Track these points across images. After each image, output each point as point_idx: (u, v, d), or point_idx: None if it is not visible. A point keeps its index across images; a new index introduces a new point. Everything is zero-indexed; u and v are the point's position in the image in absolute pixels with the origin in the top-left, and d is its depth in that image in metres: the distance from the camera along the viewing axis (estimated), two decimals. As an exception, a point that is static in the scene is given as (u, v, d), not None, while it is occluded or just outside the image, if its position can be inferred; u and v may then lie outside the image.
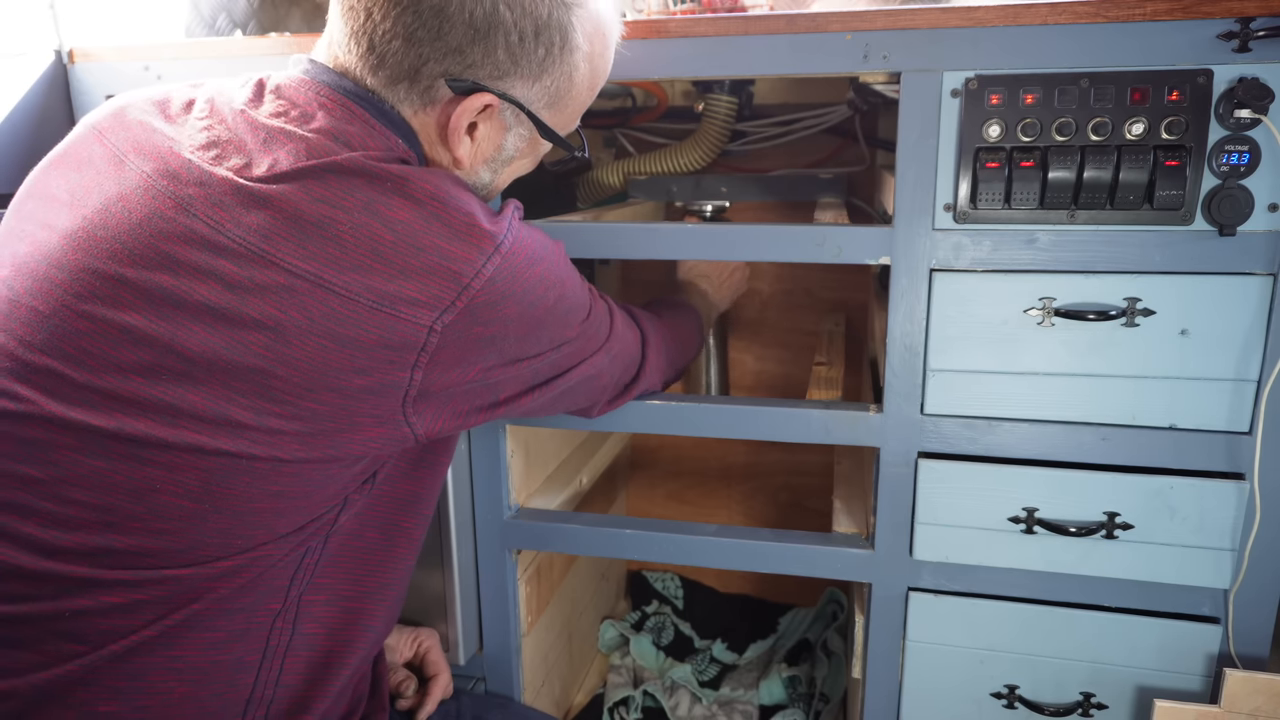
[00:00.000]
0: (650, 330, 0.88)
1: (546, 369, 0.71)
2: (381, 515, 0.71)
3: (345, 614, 0.70)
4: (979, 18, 0.73)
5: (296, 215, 0.58)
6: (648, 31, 0.81)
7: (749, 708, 1.31)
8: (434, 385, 0.62)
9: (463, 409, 0.66)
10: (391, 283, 0.58)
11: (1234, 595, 0.79)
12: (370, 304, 0.58)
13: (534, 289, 0.65)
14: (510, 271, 0.62)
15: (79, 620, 0.58)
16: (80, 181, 0.63)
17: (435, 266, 0.59)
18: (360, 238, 0.58)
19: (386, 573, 0.73)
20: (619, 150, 1.41)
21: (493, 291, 0.61)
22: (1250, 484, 0.76)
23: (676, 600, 1.55)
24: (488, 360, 0.64)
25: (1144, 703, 0.83)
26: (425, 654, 0.94)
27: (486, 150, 0.70)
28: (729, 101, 1.14)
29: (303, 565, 0.65)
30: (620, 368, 0.82)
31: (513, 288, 0.63)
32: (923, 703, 0.89)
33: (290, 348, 0.57)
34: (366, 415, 0.60)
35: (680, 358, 0.96)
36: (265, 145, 0.61)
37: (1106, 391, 0.78)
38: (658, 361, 0.88)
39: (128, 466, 0.57)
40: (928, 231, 0.78)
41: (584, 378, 0.75)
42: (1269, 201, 0.72)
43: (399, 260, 0.58)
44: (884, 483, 0.85)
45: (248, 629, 0.64)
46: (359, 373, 0.58)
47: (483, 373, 0.64)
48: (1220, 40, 0.70)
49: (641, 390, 0.87)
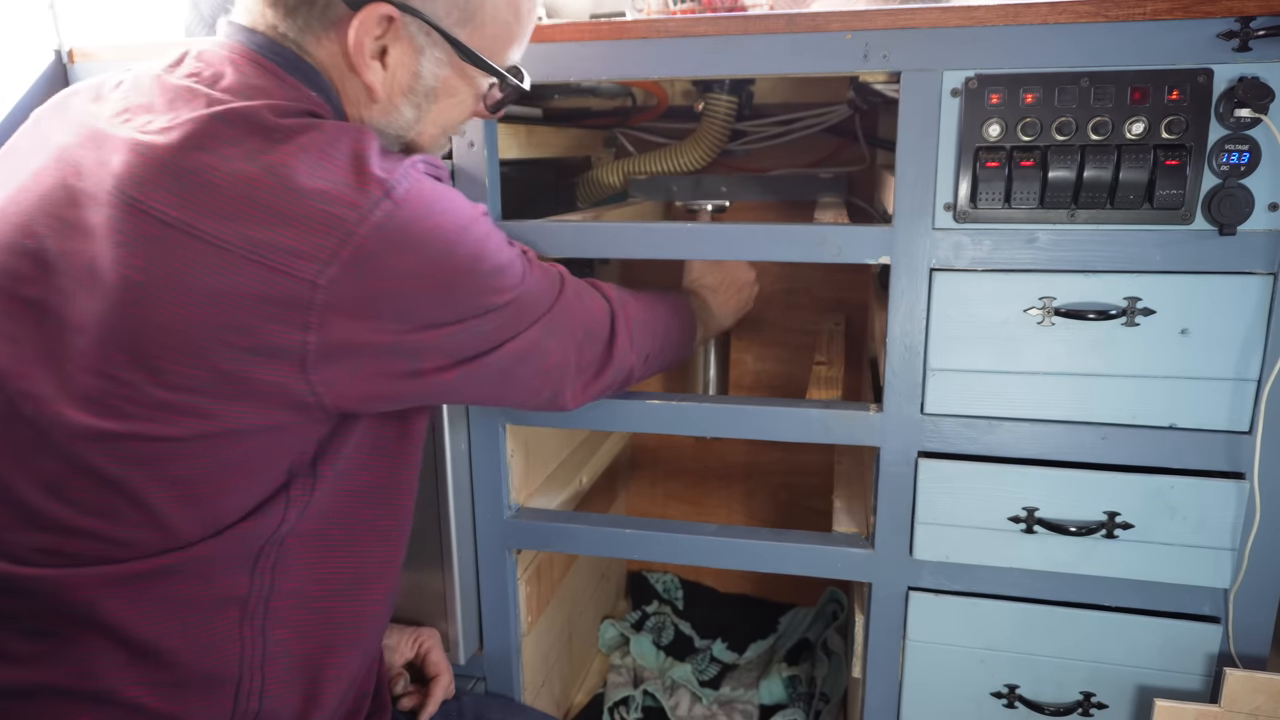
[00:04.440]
0: (620, 303, 0.81)
1: (473, 341, 0.65)
2: (341, 510, 0.67)
3: (317, 615, 0.67)
4: (979, 17, 0.73)
5: (175, 163, 0.55)
6: (648, 31, 0.80)
7: (749, 707, 1.31)
8: (335, 348, 0.57)
9: (375, 375, 0.61)
10: (267, 230, 0.54)
11: (1234, 595, 0.79)
12: (244, 253, 0.53)
13: (434, 242, 0.60)
14: (403, 221, 0.57)
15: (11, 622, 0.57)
16: (12, 168, 0.63)
17: (315, 213, 0.55)
18: (236, 184, 0.54)
19: (355, 570, 0.70)
20: (619, 150, 1.41)
21: (382, 240, 0.56)
22: (1250, 483, 0.76)
23: (676, 600, 1.55)
24: (396, 322, 0.59)
25: (1144, 702, 0.83)
26: (426, 654, 0.94)
27: (402, 78, 0.65)
28: (729, 101, 1.14)
29: (258, 568, 0.63)
30: (576, 345, 0.75)
31: (407, 238, 0.58)
32: (923, 702, 0.89)
33: (160, 306, 0.53)
34: (261, 382, 0.56)
35: (665, 341, 0.88)
36: (171, 104, 0.59)
37: (1106, 391, 0.78)
38: (632, 338, 0.81)
39: (37, 457, 0.56)
40: (928, 231, 0.78)
41: (521, 355, 0.69)
42: (1269, 201, 0.72)
43: (276, 206, 0.54)
44: (884, 482, 0.85)
45: (212, 642, 0.61)
46: (240, 332, 0.54)
47: (394, 336, 0.60)
48: (1220, 39, 0.70)
49: (618, 372, 0.80)
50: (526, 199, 1.07)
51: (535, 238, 0.87)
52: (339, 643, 0.69)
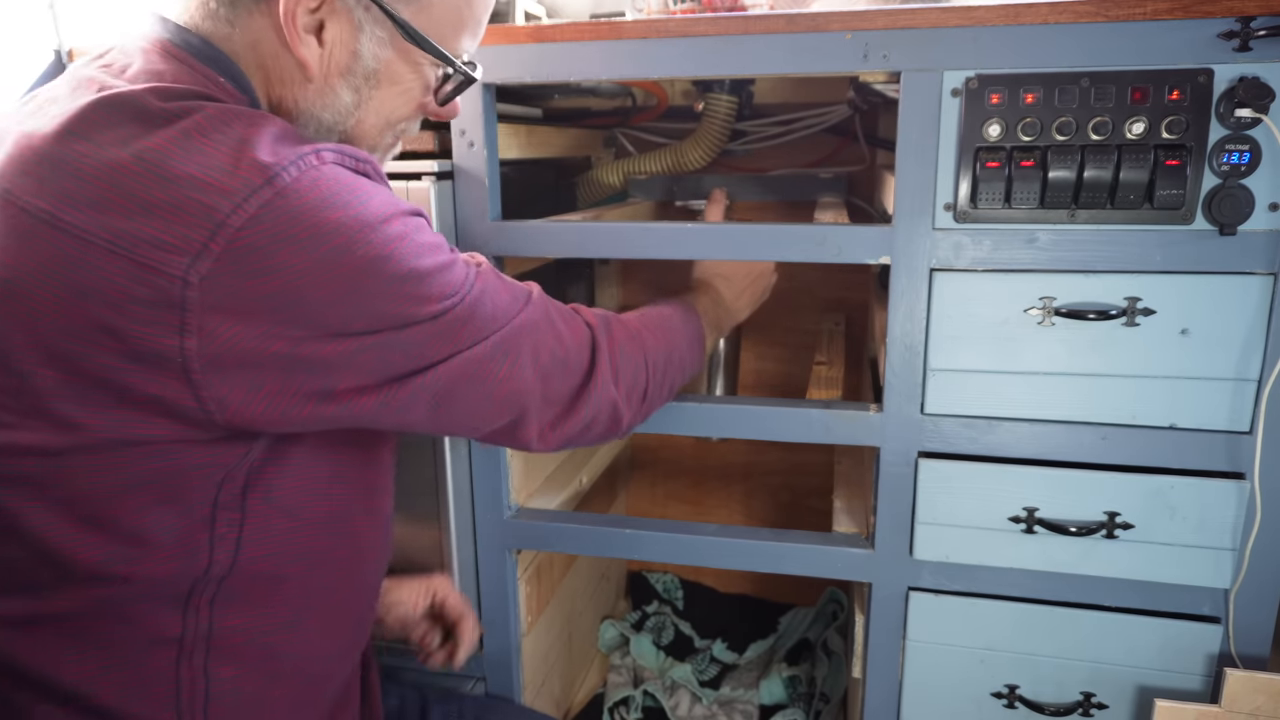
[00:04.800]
0: (604, 330, 0.72)
1: (396, 357, 0.57)
2: (297, 544, 0.62)
3: (267, 651, 0.62)
4: (979, 17, 0.73)
5: (50, 153, 0.51)
6: (647, 31, 0.80)
7: (749, 707, 1.31)
8: (222, 356, 0.51)
9: (278, 393, 0.54)
10: (131, 220, 0.49)
11: (1234, 595, 0.79)
12: (107, 246, 0.49)
13: (326, 237, 0.52)
14: (288, 211, 0.51)
15: None
16: None
17: (184, 201, 0.49)
18: (103, 171, 0.50)
19: (303, 600, 0.64)
20: (619, 150, 1.41)
21: (259, 233, 0.50)
22: (1250, 483, 0.76)
23: (676, 600, 1.55)
24: (290, 328, 0.52)
25: (1144, 702, 0.82)
26: (443, 601, 0.89)
27: (340, 57, 0.60)
28: (729, 101, 1.14)
29: (192, 606, 0.57)
30: (540, 374, 0.66)
31: (292, 230, 0.51)
32: (923, 702, 0.89)
33: (25, 305, 0.49)
34: (140, 392, 0.50)
35: (667, 369, 0.79)
36: (72, 94, 0.55)
37: (1107, 391, 0.78)
38: (618, 372, 0.72)
39: None
40: (928, 231, 0.78)
41: (462, 377, 0.61)
42: (1269, 201, 0.72)
43: (142, 192, 0.49)
44: (884, 482, 0.85)
45: (144, 685, 0.57)
46: (109, 334, 0.49)
47: (291, 345, 0.52)
48: (1221, 39, 0.70)
49: (598, 410, 0.71)
50: (526, 199, 1.07)
51: (535, 238, 0.87)
52: (297, 678, 0.64)
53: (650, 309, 0.83)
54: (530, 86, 0.92)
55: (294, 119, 0.62)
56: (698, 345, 0.86)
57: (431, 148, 0.88)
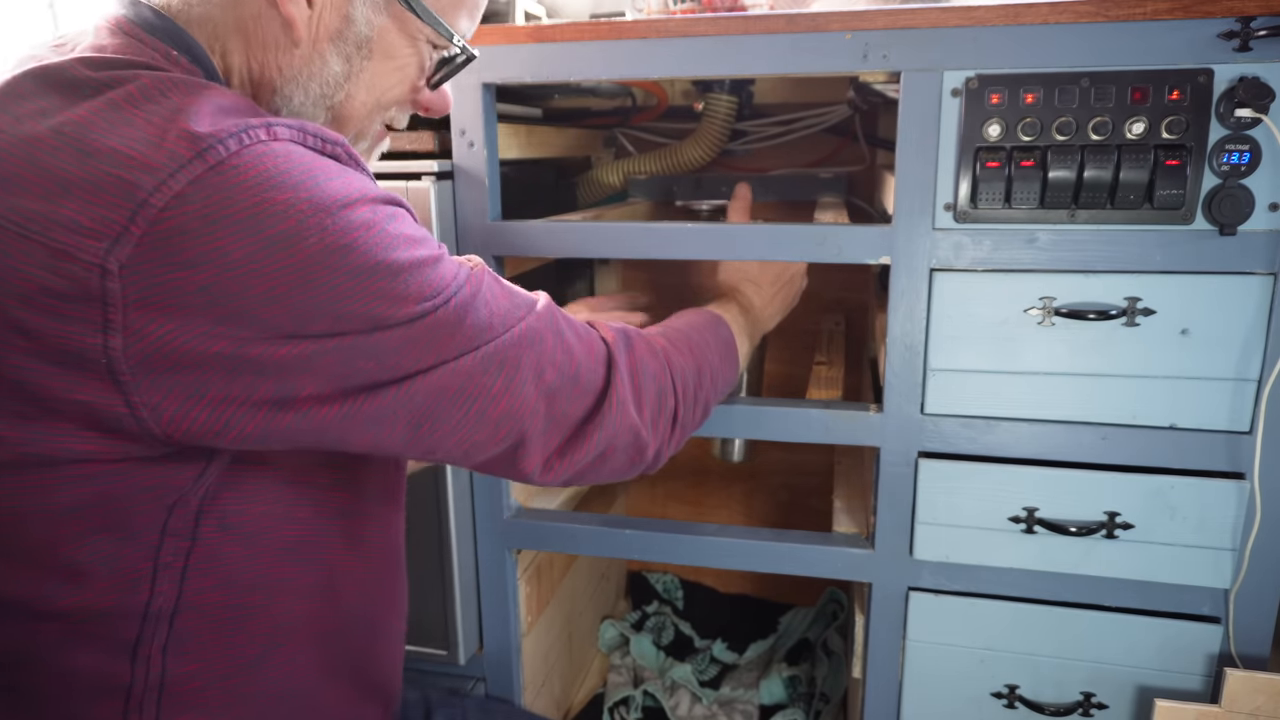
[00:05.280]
0: (623, 345, 0.64)
1: (364, 364, 0.49)
2: (239, 566, 0.54)
3: (232, 695, 0.55)
4: (979, 17, 0.73)
5: None
6: (648, 31, 0.80)
7: (749, 707, 1.31)
8: (153, 356, 0.44)
9: (224, 400, 0.47)
10: (45, 200, 0.43)
11: (1234, 595, 0.79)
12: (17, 230, 0.43)
13: (271, 220, 0.45)
14: (223, 189, 0.44)
15: None
16: None
17: (102, 178, 0.43)
18: (16, 146, 0.44)
19: (269, 634, 0.57)
20: (619, 150, 1.41)
21: (187, 214, 0.43)
22: (1250, 483, 0.76)
23: (676, 600, 1.55)
24: (233, 326, 0.45)
25: (1144, 702, 0.82)
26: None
27: (330, 20, 0.55)
28: (729, 101, 1.15)
29: (140, 655, 0.51)
30: (545, 392, 0.58)
31: (227, 211, 0.44)
32: (923, 702, 0.89)
33: None
34: (64, 399, 0.44)
35: (699, 386, 0.71)
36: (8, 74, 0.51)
37: (1107, 391, 0.78)
38: (641, 392, 0.64)
39: None
40: (928, 231, 0.78)
41: (445, 392, 0.53)
42: (1269, 201, 0.72)
43: (58, 169, 0.43)
44: (884, 482, 0.85)
45: None
46: (23, 334, 0.44)
47: (235, 345, 0.45)
48: (1221, 39, 0.70)
49: (616, 437, 0.62)
50: (526, 199, 1.07)
51: (535, 238, 0.87)
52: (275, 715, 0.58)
53: (675, 320, 0.76)
54: (530, 86, 0.92)
55: (277, 90, 0.56)
56: (731, 358, 0.78)
57: (431, 148, 0.88)
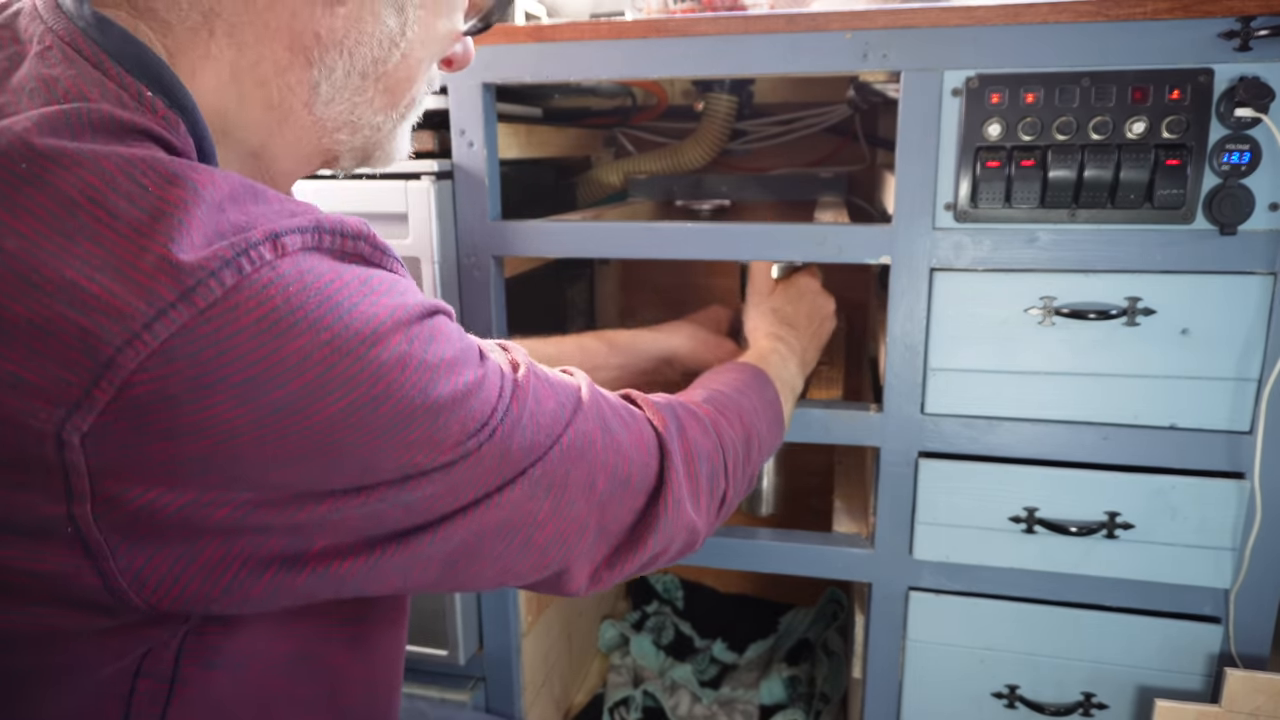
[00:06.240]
0: (674, 429, 0.56)
1: (397, 514, 0.41)
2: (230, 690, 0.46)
3: None
4: (979, 16, 0.73)
5: None
6: (647, 30, 0.80)
7: (749, 707, 1.31)
8: (131, 525, 0.36)
9: (219, 560, 0.38)
10: None
11: (1234, 595, 0.79)
12: None
13: (289, 378, 0.35)
14: (221, 342, 0.34)
15: None
16: None
17: (56, 320, 0.33)
18: None
19: None
20: (619, 150, 1.41)
21: (170, 379, 0.33)
22: (1251, 483, 0.76)
23: (676, 600, 1.55)
24: (229, 491, 0.37)
25: (1144, 702, 0.82)
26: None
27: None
28: (729, 100, 1.15)
29: None
30: (596, 503, 0.50)
31: (225, 372, 0.34)
32: (923, 702, 0.89)
33: None
34: (23, 574, 0.36)
35: (746, 463, 0.64)
36: None
37: (1107, 391, 0.78)
38: (698, 482, 0.56)
39: None
40: (928, 230, 0.78)
41: (487, 530, 0.45)
42: (1270, 201, 0.72)
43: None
44: (884, 482, 0.85)
45: None
46: None
47: (236, 510, 0.37)
48: (1221, 39, 0.70)
49: (671, 539, 0.54)
50: (526, 199, 1.07)
51: (535, 238, 0.87)
52: None
53: (719, 381, 0.68)
54: (530, 86, 0.92)
55: (315, 63, 0.46)
56: (777, 423, 0.71)
57: (431, 148, 0.88)
